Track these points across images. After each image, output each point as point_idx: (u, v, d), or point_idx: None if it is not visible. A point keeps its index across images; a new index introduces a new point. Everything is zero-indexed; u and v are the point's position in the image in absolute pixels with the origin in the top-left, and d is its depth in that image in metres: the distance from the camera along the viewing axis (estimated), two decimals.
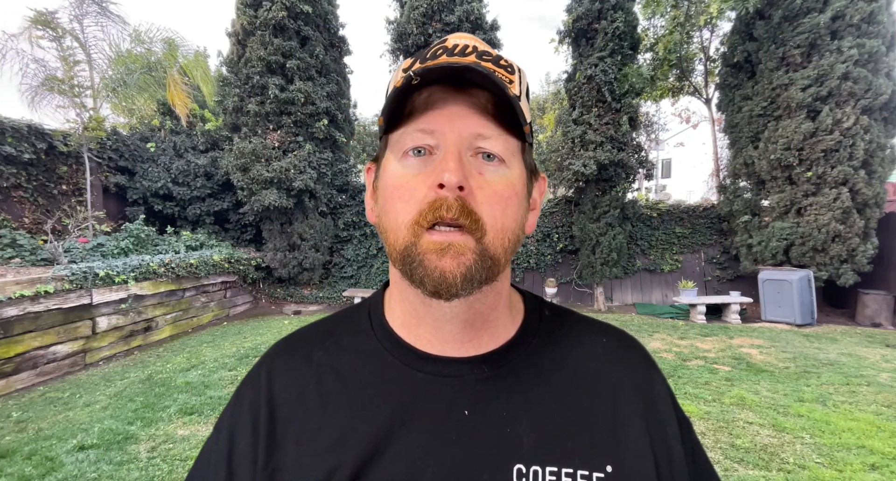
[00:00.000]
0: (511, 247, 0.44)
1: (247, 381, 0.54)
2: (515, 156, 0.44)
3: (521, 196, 0.45)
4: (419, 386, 0.47)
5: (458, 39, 0.46)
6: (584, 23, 7.51)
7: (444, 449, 0.44)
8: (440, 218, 0.40)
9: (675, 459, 0.48)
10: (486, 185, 0.42)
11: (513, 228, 0.44)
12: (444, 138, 0.42)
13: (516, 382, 0.48)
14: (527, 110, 0.45)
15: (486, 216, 0.42)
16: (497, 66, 0.44)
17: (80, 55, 6.62)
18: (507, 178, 0.43)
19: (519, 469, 0.43)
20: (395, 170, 0.44)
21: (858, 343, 5.69)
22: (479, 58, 0.44)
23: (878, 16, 6.42)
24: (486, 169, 0.43)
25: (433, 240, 0.41)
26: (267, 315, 7.81)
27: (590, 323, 0.56)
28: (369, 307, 0.55)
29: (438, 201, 0.40)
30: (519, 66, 0.47)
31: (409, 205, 0.42)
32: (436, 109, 0.42)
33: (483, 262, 0.42)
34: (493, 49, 0.47)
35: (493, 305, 0.49)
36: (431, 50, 0.46)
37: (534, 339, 0.51)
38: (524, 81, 0.47)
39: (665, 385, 0.53)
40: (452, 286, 0.41)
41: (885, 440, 2.94)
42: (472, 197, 0.41)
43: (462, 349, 0.49)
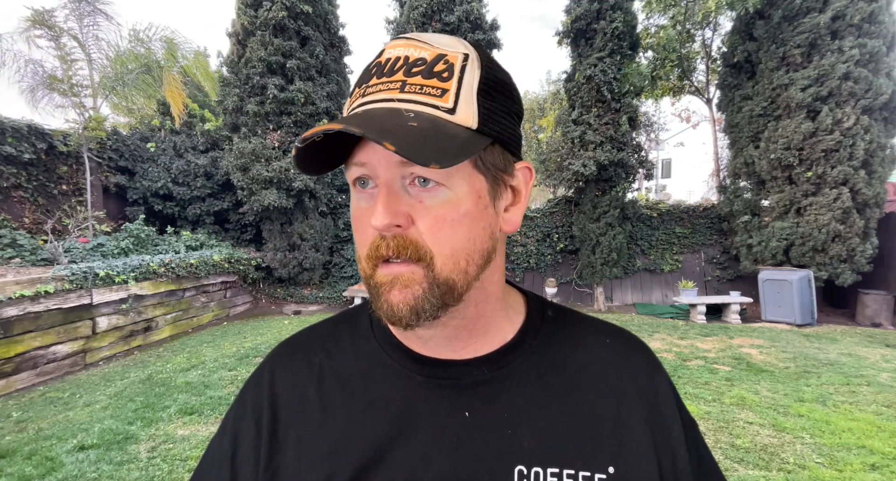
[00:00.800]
0: (471, 265, 0.43)
1: (249, 384, 0.54)
2: (457, 173, 0.41)
3: (472, 213, 0.43)
4: (419, 390, 0.47)
5: (393, 49, 0.43)
6: (582, 23, 7.50)
7: (445, 452, 0.44)
8: (382, 256, 0.41)
9: (678, 462, 0.47)
10: (427, 213, 0.41)
11: (467, 248, 0.42)
12: (375, 170, 0.42)
13: (517, 384, 0.48)
14: (468, 115, 0.41)
15: (430, 244, 0.41)
16: (429, 77, 0.41)
17: (78, 54, 6.62)
18: (449, 202, 0.41)
19: (520, 470, 0.43)
20: (352, 201, 0.46)
21: (858, 343, 5.69)
22: (407, 73, 0.42)
23: (879, 16, 6.42)
24: (424, 196, 0.41)
25: (383, 272, 0.42)
26: (267, 315, 7.81)
27: (594, 323, 0.56)
28: (370, 309, 0.55)
29: (376, 242, 0.42)
30: (467, 58, 0.43)
31: (362, 238, 0.44)
32: (366, 143, 0.42)
33: (432, 291, 0.41)
34: (434, 48, 0.43)
35: (478, 315, 0.48)
36: (369, 68, 0.45)
37: (535, 340, 0.51)
38: (473, 75, 0.42)
39: (670, 386, 0.52)
40: (402, 318, 0.42)
41: (885, 440, 2.94)
42: (415, 228, 0.41)
43: (460, 353, 0.49)
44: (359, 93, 0.44)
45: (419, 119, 0.39)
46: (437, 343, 0.48)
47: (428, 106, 0.41)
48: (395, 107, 0.40)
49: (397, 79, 0.42)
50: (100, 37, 6.76)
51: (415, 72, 0.42)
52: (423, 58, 0.42)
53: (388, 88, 0.42)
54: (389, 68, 0.43)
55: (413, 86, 0.41)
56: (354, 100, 0.44)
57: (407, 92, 0.41)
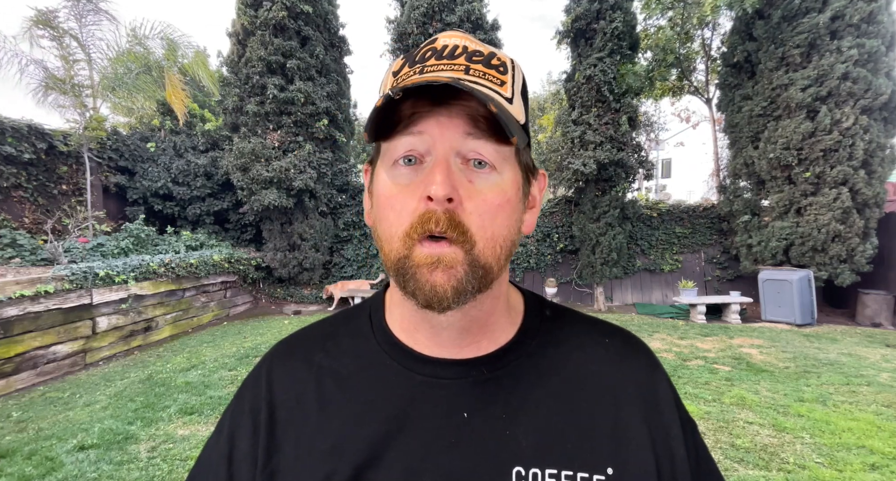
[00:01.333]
0: (504, 253, 0.44)
1: (247, 383, 0.54)
2: (507, 160, 0.44)
3: (513, 202, 0.44)
4: (418, 390, 0.47)
5: (449, 39, 0.45)
6: (582, 23, 7.51)
7: (443, 452, 0.44)
8: (429, 231, 0.40)
9: (677, 462, 0.47)
10: (476, 194, 0.42)
11: (504, 235, 0.43)
12: (434, 142, 0.41)
13: (515, 384, 0.47)
14: (519, 110, 0.44)
15: (474, 226, 0.41)
16: (488, 67, 0.44)
17: (79, 54, 6.62)
18: (498, 186, 0.43)
19: (518, 471, 0.43)
20: (386, 179, 0.44)
21: (858, 343, 5.69)
22: (468, 60, 0.43)
23: (878, 16, 6.42)
24: (476, 177, 0.42)
25: (424, 252, 0.41)
26: (267, 315, 7.81)
27: (592, 323, 0.56)
28: (370, 308, 0.55)
29: (427, 214, 0.40)
30: (514, 62, 0.46)
31: (400, 216, 0.42)
32: (424, 115, 0.41)
33: (474, 273, 0.41)
34: (486, 46, 0.46)
35: (490, 310, 0.49)
36: (421, 51, 0.45)
37: (533, 341, 0.51)
38: (519, 78, 0.46)
39: (669, 386, 0.52)
40: (444, 299, 0.41)
41: (885, 440, 2.94)
42: (462, 207, 0.41)
43: (461, 352, 0.49)
44: (411, 71, 0.44)
45: (494, 99, 0.40)
46: (449, 334, 0.48)
47: (492, 91, 0.42)
48: (467, 84, 0.40)
49: (460, 63, 0.43)
50: (100, 37, 6.76)
51: (475, 60, 0.44)
52: (479, 50, 0.45)
53: (451, 69, 0.43)
54: (450, 53, 0.44)
55: (477, 71, 0.43)
56: (406, 77, 0.44)
57: (472, 75, 0.43)
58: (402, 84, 0.39)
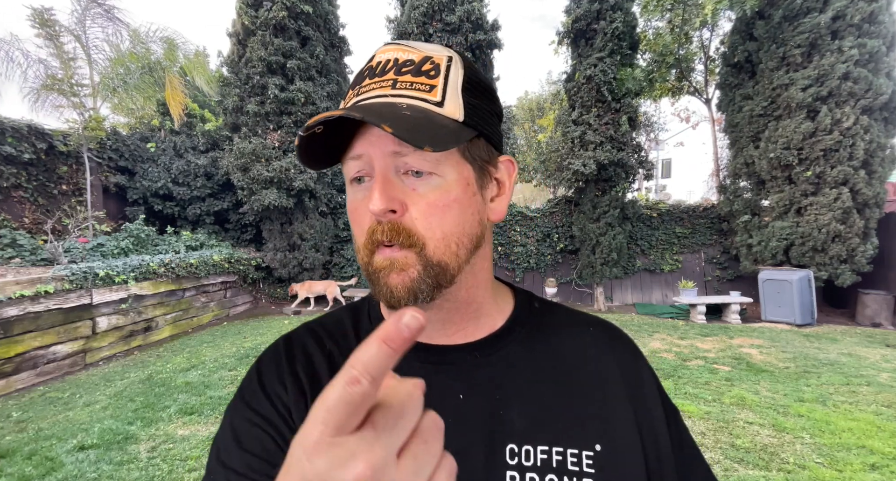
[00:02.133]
0: (462, 249, 0.46)
1: (264, 361, 0.54)
2: (446, 162, 0.45)
3: (462, 199, 0.46)
4: (416, 375, 0.48)
5: (383, 54, 0.48)
6: (583, 23, 7.51)
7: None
8: (377, 242, 0.44)
9: (660, 442, 0.50)
10: (420, 199, 0.44)
11: (458, 232, 0.46)
12: (371, 162, 0.44)
13: (508, 368, 0.50)
14: (455, 108, 0.45)
15: (422, 229, 0.44)
16: (418, 75, 0.45)
17: (80, 54, 6.62)
18: (440, 188, 0.45)
19: (511, 448, 0.46)
20: (349, 196, 0.49)
21: (858, 343, 5.68)
22: (397, 73, 0.46)
23: (879, 16, 6.41)
24: (417, 184, 0.44)
25: (380, 257, 0.45)
26: (267, 315, 7.81)
27: (577, 314, 0.59)
28: (368, 303, 0.59)
29: (373, 227, 0.45)
30: (451, 59, 0.47)
31: (361, 229, 0.46)
32: (361, 136, 0.45)
33: (428, 272, 0.44)
34: (421, 51, 0.47)
35: (468, 299, 0.51)
36: (361, 72, 0.49)
37: (523, 328, 0.54)
38: (456, 75, 0.47)
39: (651, 373, 0.55)
40: (400, 300, 0.44)
41: (885, 440, 2.94)
42: (407, 215, 0.44)
43: (452, 338, 0.52)
44: (352, 94, 0.48)
45: (412, 109, 0.43)
46: (432, 327, 0.51)
47: (418, 99, 0.45)
48: (389, 100, 0.44)
49: (388, 78, 0.46)
50: (101, 37, 6.76)
51: (404, 71, 0.46)
52: (411, 59, 0.47)
53: (380, 86, 0.46)
54: (381, 69, 0.47)
55: (403, 83, 0.45)
56: (348, 101, 0.48)
57: (398, 88, 0.45)
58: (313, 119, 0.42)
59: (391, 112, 0.41)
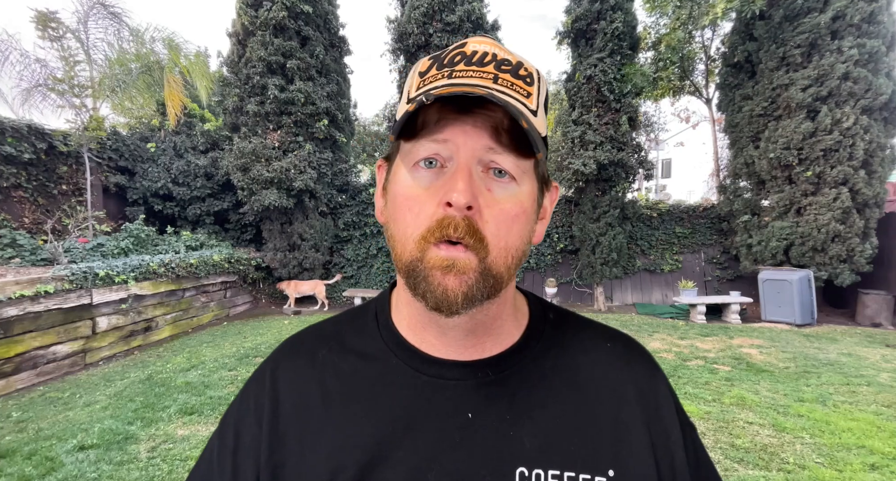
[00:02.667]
0: (515, 263, 0.44)
1: (252, 380, 0.54)
2: (527, 173, 0.44)
3: (529, 213, 0.45)
4: (423, 390, 0.48)
5: (478, 45, 0.45)
6: (583, 23, 7.51)
7: (447, 452, 0.44)
8: (447, 236, 0.41)
9: (676, 465, 0.48)
10: (495, 204, 0.42)
11: (517, 246, 0.44)
12: (457, 150, 0.42)
13: (519, 386, 0.48)
14: (542, 122, 0.45)
15: (490, 235, 0.41)
16: (516, 78, 0.44)
17: (81, 55, 6.62)
18: (516, 196, 0.43)
19: (521, 472, 0.44)
20: (405, 179, 0.44)
21: (858, 343, 5.68)
22: (497, 68, 0.43)
23: (879, 16, 6.42)
24: (495, 186, 0.42)
25: (439, 255, 0.41)
26: (267, 315, 7.81)
27: (594, 327, 0.56)
28: (376, 308, 0.56)
29: (447, 220, 0.41)
30: (539, 72, 0.46)
31: (418, 219, 0.42)
32: (450, 122, 0.42)
33: (485, 281, 0.42)
34: (514, 55, 0.46)
35: (497, 314, 0.49)
36: (449, 54, 0.45)
37: (538, 344, 0.52)
38: (544, 90, 0.46)
39: (669, 390, 0.53)
40: (454, 304, 0.41)
41: (885, 440, 2.94)
42: (480, 215, 0.41)
43: (466, 353, 0.49)
44: (439, 74, 0.44)
45: (521, 111, 0.41)
46: (455, 334, 0.48)
47: (519, 103, 0.43)
48: (498, 94, 0.41)
49: (489, 70, 0.43)
50: (102, 37, 6.76)
51: (504, 69, 0.44)
52: (508, 60, 0.45)
53: (480, 76, 0.43)
54: (479, 59, 0.44)
55: (504, 81, 0.43)
56: (434, 80, 0.44)
57: (499, 84, 0.43)
58: (436, 90, 0.39)
59: (515, 108, 0.39)
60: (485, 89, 0.40)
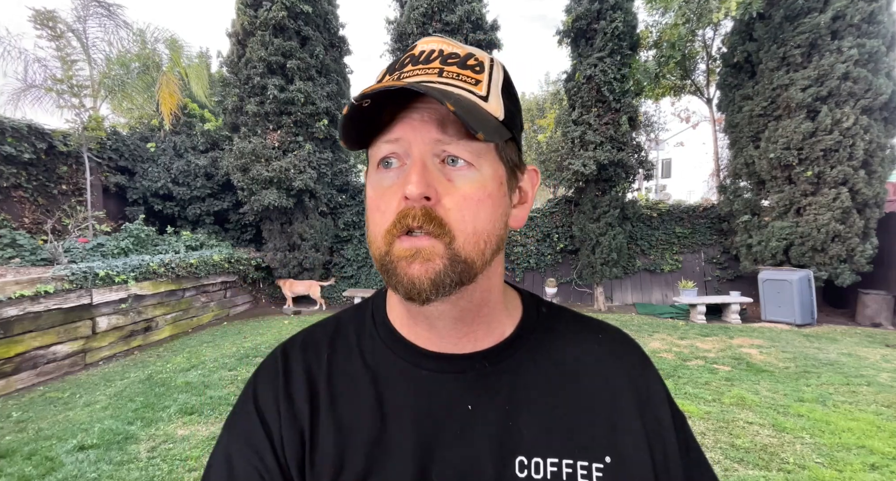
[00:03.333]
0: (488, 247, 0.45)
1: (264, 374, 0.54)
2: (485, 156, 0.44)
3: (495, 196, 0.45)
4: (423, 384, 0.49)
5: (426, 44, 0.47)
6: (583, 23, 7.51)
7: (449, 444, 0.46)
8: (407, 226, 0.42)
9: (669, 451, 0.50)
10: (455, 191, 0.43)
11: (488, 230, 0.44)
12: (409, 146, 0.43)
13: (516, 377, 0.49)
14: (497, 107, 0.45)
15: (454, 221, 0.42)
16: (463, 68, 0.45)
17: (80, 55, 6.62)
18: (476, 181, 0.44)
19: (521, 461, 0.45)
20: (372, 181, 0.46)
21: (858, 343, 5.68)
22: (443, 63, 0.45)
23: (879, 16, 6.41)
24: (454, 174, 0.43)
25: (403, 246, 0.43)
26: (267, 315, 7.81)
27: (586, 320, 0.58)
28: (372, 306, 0.57)
29: (405, 211, 0.42)
30: (493, 60, 0.48)
31: (384, 216, 0.44)
32: (400, 120, 0.43)
33: (453, 266, 0.43)
34: (464, 48, 0.47)
35: (482, 301, 0.49)
36: (401, 59, 0.47)
37: (532, 336, 0.53)
38: (498, 76, 0.47)
39: (659, 380, 0.55)
40: (422, 291, 0.42)
41: (885, 440, 2.94)
42: (440, 204, 0.42)
43: (459, 345, 0.50)
44: (390, 78, 0.46)
45: (462, 97, 0.42)
46: (444, 324, 0.49)
47: (465, 90, 0.44)
48: (438, 87, 0.43)
49: (434, 66, 0.45)
50: (101, 37, 6.76)
51: (450, 62, 0.46)
52: (455, 53, 0.46)
53: (425, 73, 0.45)
54: (425, 58, 0.46)
55: (450, 73, 0.45)
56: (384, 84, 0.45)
57: (445, 77, 0.44)
58: (370, 87, 0.40)
59: (447, 93, 0.40)
60: (427, 83, 0.42)
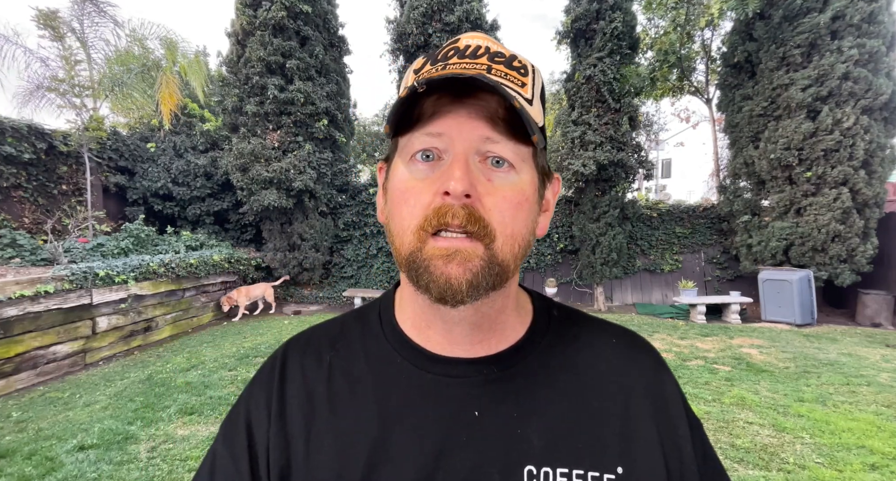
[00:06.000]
0: (521, 252, 0.44)
1: (260, 377, 0.54)
2: (526, 161, 0.44)
3: (531, 201, 0.44)
4: (429, 388, 0.47)
5: (471, 39, 0.46)
6: (582, 23, 7.51)
7: (454, 450, 0.44)
8: (445, 224, 0.40)
9: (685, 461, 0.47)
10: (495, 191, 0.42)
11: (523, 234, 0.43)
12: (452, 142, 0.41)
13: (526, 383, 0.48)
14: (538, 112, 0.45)
15: (495, 222, 0.41)
16: (510, 69, 0.44)
17: (80, 55, 6.62)
18: (516, 184, 0.43)
19: (530, 470, 0.43)
20: (402, 174, 0.44)
21: (858, 343, 5.68)
22: (490, 60, 0.43)
23: (879, 16, 6.41)
24: (494, 175, 0.42)
25: (439, 246, 0.41)
26: (267, 315, 7.81)
27: (599, 324, 0.56)
28: (380, 307, 0.56)
29: (444, 208, 0.40)
30: (534, 66, 0.46)
31: (414, 210, 0.42)
32: (444, 114, 0.41)
33: (491, 269, 0.41)
34: (507, 49, 0.46)
35: (502, 308, 0.49)
36: (443, 50, 0.46)
37: (543, 340, 0.51)
38: (539, 82, 0.46)
39: (676, 386, 0.52)
40: (458, 293, 0.41)
41: (885, 440, 2.94)
42: (480, 204, 0.41)
43: (471, 350, 0.49)
44: (432, 69, 0.44)
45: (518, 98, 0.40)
46: (462, 330, 0.48)
47: (513, 92, 0.42)
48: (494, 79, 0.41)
49: (482, 62, 0.44)
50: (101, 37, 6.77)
51: (497, 61, 0.44)
52: (501, 52, 0.45)
53: (473, 68, 0.43)
54: (472, 53, 0.44)
55: (498, 71, 0.43)
56: (429, 74, 0.44)
57: (493, 74, 0.43)
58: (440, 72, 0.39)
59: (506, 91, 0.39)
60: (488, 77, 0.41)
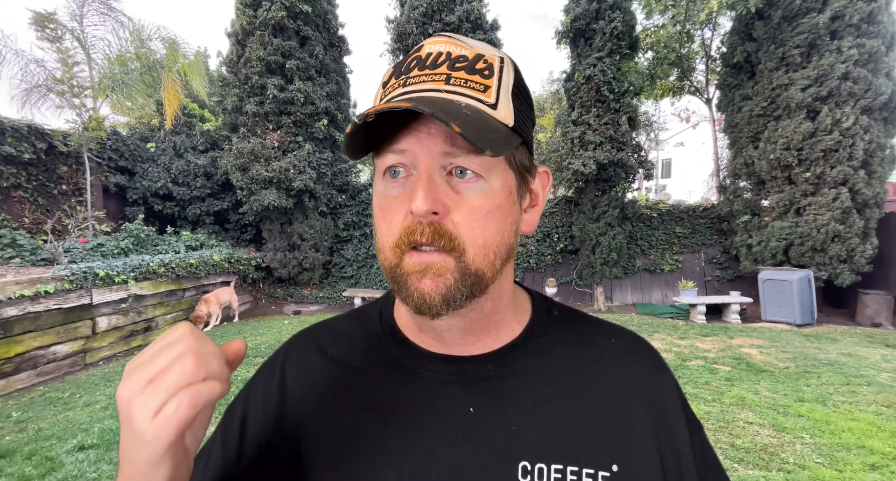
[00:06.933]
0: (498, 259, 0.44)
1: (262, 370, 0.55)
2: (494, 167, 0.43)
3: (504, 206, 0.44)
4: (425, 385, 0.48)
5: (433, 45, 0.45)
6: (582, 23, 7.51)
7: (450, 446, 0.45)
8: (415, 242, 0.41)
9: (683, 462, 0.48)
10: (464, 204, 0.42)
11: (497, 241, 0.44)
12: (416, 158, 0.42)
13: (522, 381, 0.48)
14: (507, 112, 0.44)
15: (464, 235, 0.42)
16: (472, 73, 0.43)
17: (80, 56, 6.62)
18: (485, 193, 0.43)
19: (524, 466, 0.44)
20: (380, 189, 0.45)
21: (858, 343, 5.68)
22: (451, 68, 0.43)
23: (878, 16, 6.41)
24: (462, 186, 0.42)
25: (413, 261, 0.42)
26: (267, 315, 7.81)
27: (600, 324, 0.56)
28: (381, 306, 0.57)
29: (412, 227, 0.41)
30: (503, 60, 0.45)
31: (391, 227, 0.43)
32: (408, 130, 0.42)
33: (464, 280, 0.42)
34: (473, 47, 0.45)
35: (493, 310, 0.49)
36: (407, 60, 0.46)
37: (540, 339, 0.52)
38: (508, 77, 0.45)
39: (676, 387, 0.52)
40: (433, 307, 0.42)
41: (885, 440, 2.94)
42: (449, 218, 0.41)
43: (466, 350, 0.50)
44: (396, 83, 0.45)
45: (470, 110, 0.41)
46: (452, 336, 0.49)
47: (473, 99, 0.42)
48: (445, 97, 0.42)
49: (441, 72, 0.43)
50: (101, 37, 6.77)
51: (458, 67, 0.43)
52: (464, 55, 0.44)
53: (432, 80, 0.43)
54: (432, 62, 0.44)
55: (458, 79, 0.43)
56: (392, 89, 0.45)
57: (452, 84, 0.43)
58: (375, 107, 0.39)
59: (454, 110, 0.39)
60: (433, 92, 0.42)
